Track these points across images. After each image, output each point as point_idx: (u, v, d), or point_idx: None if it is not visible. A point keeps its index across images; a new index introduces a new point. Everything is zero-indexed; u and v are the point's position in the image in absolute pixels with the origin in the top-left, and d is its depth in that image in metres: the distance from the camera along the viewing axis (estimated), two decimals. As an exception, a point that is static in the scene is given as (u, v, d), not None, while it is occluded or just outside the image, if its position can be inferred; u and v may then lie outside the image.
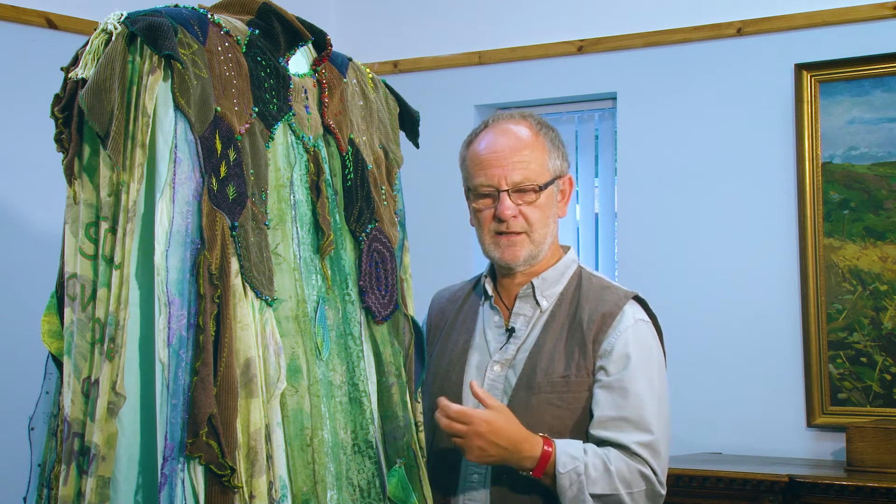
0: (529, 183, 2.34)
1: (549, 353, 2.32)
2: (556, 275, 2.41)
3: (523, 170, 2.34)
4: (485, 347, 2.40)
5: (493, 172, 2.35)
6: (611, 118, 4.41)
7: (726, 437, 3.95)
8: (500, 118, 2.44)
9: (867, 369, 3.82)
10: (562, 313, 2.37)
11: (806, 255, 3.89)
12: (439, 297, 2.59)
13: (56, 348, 1.96)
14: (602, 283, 2.42)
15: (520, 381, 2.33)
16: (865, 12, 3.86)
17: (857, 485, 3.37)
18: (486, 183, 2.35)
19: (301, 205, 2.08)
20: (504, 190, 2.33)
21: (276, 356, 1.93)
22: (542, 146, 2.38)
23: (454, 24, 4.63)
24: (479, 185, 2.37)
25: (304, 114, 2.10)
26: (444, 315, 2.52)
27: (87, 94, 1.82)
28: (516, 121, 2.42)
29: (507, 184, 2.33)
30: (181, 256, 1.84)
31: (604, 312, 2.33)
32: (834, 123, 3.88)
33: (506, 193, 2.33)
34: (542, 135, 2.40)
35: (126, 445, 1.82)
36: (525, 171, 2.34)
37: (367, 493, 2.10)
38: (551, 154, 2.39)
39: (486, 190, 2.36)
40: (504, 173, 2.34)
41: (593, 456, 2.24)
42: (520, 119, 2.42)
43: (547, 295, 2.40)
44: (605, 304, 2.35)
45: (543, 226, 2.37)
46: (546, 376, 2.31)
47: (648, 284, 4.14)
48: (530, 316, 2.39)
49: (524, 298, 2.41)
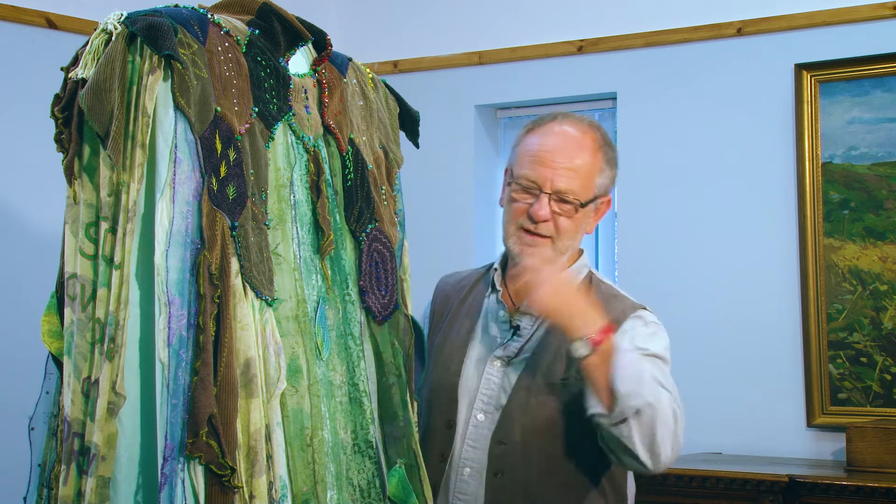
0: (573, 196, 2.30)
1: (552, 355, 2.32)
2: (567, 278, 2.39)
3: (571, 179, 2.30)
4: (486, 341, 2.39)
5: (540, 171, 2.31)
6: (611, 118, 4.41)
7: (726, 437, 3.94)
8: (569, 118, 2.38)
9: (867, 369, 3.81)
10: None
11: (806, 256, 3.89)
12: (444, 282, 2.56)
13: (56, 348, 1.95)
14: (611, 290, 2.41)
15: (519, 381, 2.32)
16: (865, 12, 3.85)
17: (857, 485, 3.37)
18: (531, 178, 2.31)
19: (301, 205, 2.08)
20: (546, 193, 2.30)
21: (276, 356, 1.93)
22: (598, 164, 2.34)
23: (454, 24, 4.62)
24: (523, 176, 2.32)
25: (304, 114, 2.10)
26: (448, 301, 2.50)
27: (87, 94, 1.82)
28: (583, 127, 2.36)
29: (551, 188, 2.29)
30: (181, 256, 1.84)
31: (609, 320, 2.30)
32: (834, 123, 3.88)
33: (546, 196, 2.29)
34: (602, 152, 2.35)
35: (126, 445, 1.82)
36: (571, 182, 2.30)
37: (367, 493, 2.10)
38: (603, 173, 2.35)
39: (529, 185, 2.32)
40: (552, 175, 2.30)
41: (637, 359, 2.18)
42: (587, 127, 2.37)
43: None
44: (611, 313, 2.31)
45: (571, 238, 2.35)
46: (545, 378, 2.31)
47: (648, 284, 4.17)
48: (536, 316, 2.38)
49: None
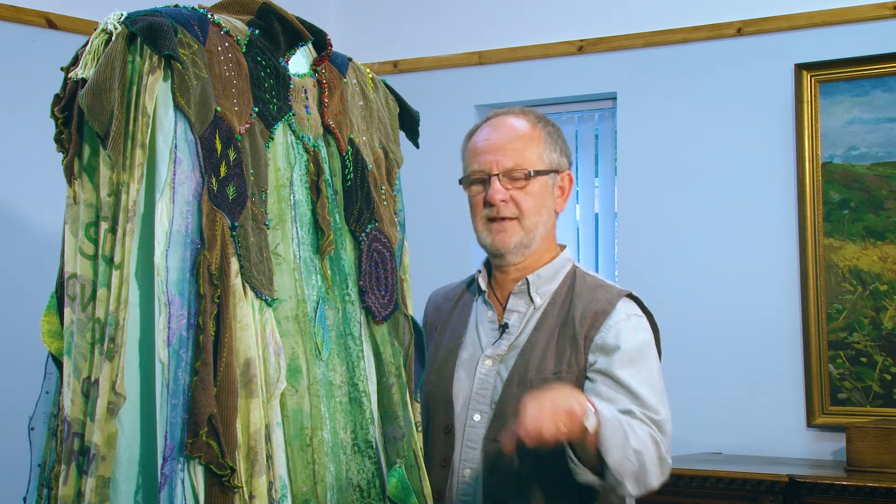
0: (520, 169, 2.37)
1: (542, 349, 2.33)
2: (551, 272, 2.42)
3: (515, 155, 2.37)
4: (477, 342, 2.41)
5: (485, 158, 2.38)
6: (611, 118, 4.41)
7: (726, 437, 3.94)
8: (499, 113, 2.47)
9: (867, 369, 3.81)
10: (555, 311, 2.37)
11: (806, 255, 3.89)
12: (435, 295, 2.60)
13: (56, 348, 1.95)
14: (596, 281, 2.42)
15: (511, 376, 2.33)
16: (865, 12, 3.85)
17: (857, 485, 3.37)
18: (479, 169, 2.39)
19: (301, 205, 2.08)
20: (495, 174, 2.36)
21: (275, 356, 1.93)
22: (539, 137, 2.41)
23: (454, 24, 4.62)
24: (472, 171, 2.41)
25: (304, 114, 2.10)
26: (439, 313, 2.53)
27: (87, 94, 1.82)
28: (515, 114, 2.45)
29: (498, 168, 2.36)
30: (181, 256, 1.84)
31: (596, 310, 2.34)
32: (834, 123, 3.88)
33: (496, 178, 2.36)
34: (540, 128, 2.42)
35: (126, 445, 1.82)
36: (517, 158, 2.37)
37: (366, 493, 2.10)
38: (548, 146, 2.41)
39: (479, 175, 2.39)
40: (496, 159, 2.37)
41: (613, 416, 2.17)
42: (519, 113, 2.45)
43: (541, 292, 2.40)
44: (598, 303, 2.35)
45: (535, 213, 2.38)
46: (538, 373, 2.31)
47: (648, 284, 4.16)
48: (524, 312, 2.39)
49: (519, 294, 2.41)
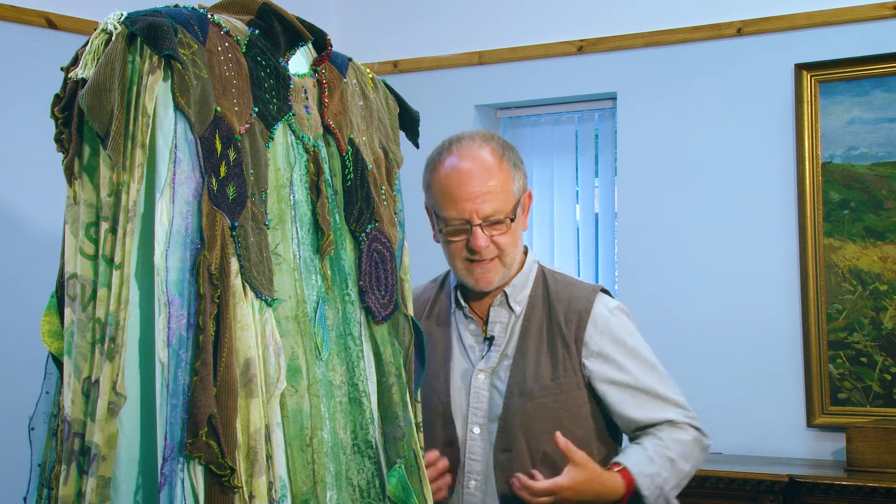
0: (501, 214, 2.37)
1: (534, 357, 2.39)
2: (523, 279, 2.48)
3: (492, 201, 2.37)
4: (466, 355, 2.46)
5: (463, 207, 2.37)
6: (611, 118, 4.41)
7: (726, 437, 3.95)
8: (461, 141, 2.44)
9: (867, 369, 3.82)
10: (536, 316, 2.43)
11: (806, 256, 3.89)
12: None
13: (56, 348, 1.95)
14: (566, 279, 2.49)
15: (511, 387, 2.38)
16: (865, 12, 3.86)
17: (857, 485, 3.37)
18: (458, 217, 2.38)
19: (301, 205, 2.08)
20: (477, 224, 2.36)
21: (275, 356, 1.93)
22: (507, 172, 2.40)
23: (454, 24, 4.63)
24: (450, 218, 2.39)
25: (304, 114, 2.10)
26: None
27: (87, 94, 1.81)
28: (479, 144, 2.42)
29: (479, 217, 2.37)
30: (181, 256, 1.84)
31: (579, 310, 2.41)
32: (834, 123, 3.88)
33: (479, 227, 2.37)
34: (505, 159, 2.41)
35: (126, 445, 1.82)
36: (494, 203, 2.37)
37: (366, 493, 2.10)
38: (514, 177, 2.42)
39: (458, 223, 2.39)
40: (475, 207, 2.36)
41: (658, 457, 2.32)
42: (482, 143, 2.42)
43: (518, 300, 2.46)
44: (577, 302, 2.42)
45: (514, 248, 2.43)
46: (537, 381, 2.37)
47: (648, 284, 4.18)
48: (506, 322, 2.45)
49: (499, 307, 2.47)
